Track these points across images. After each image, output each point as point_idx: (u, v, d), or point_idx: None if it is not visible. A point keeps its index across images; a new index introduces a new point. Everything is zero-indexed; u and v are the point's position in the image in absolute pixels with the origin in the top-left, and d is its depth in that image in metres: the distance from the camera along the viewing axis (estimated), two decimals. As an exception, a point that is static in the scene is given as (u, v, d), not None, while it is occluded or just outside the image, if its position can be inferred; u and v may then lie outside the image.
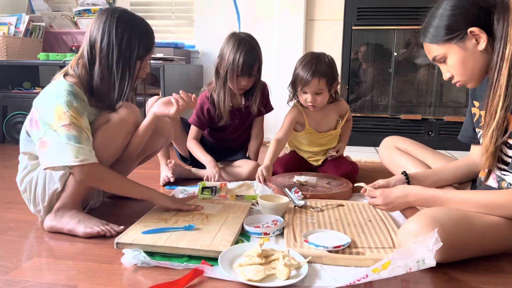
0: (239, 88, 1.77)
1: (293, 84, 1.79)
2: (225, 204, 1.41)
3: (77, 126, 1.14)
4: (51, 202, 1.23)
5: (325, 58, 1.75)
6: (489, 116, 1.04)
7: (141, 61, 1.29)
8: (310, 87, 1.71)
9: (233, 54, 1.70)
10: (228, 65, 1.71)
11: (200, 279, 0.95)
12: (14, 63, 2.69)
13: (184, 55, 2.90)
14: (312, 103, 1.74)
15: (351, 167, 1.85)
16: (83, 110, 1.19)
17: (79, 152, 1.12)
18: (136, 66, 1.28)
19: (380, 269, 0.87)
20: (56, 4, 3.00)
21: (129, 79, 1.26)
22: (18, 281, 0.94)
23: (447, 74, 1.14)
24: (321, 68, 1.70)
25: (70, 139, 1.12)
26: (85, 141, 1.15)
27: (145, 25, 1.31)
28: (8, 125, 2.71)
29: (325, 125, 1.89)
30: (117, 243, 1.08)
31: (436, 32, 1.08)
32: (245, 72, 1.71)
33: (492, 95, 1.03)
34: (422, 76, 2.81)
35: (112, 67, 1.23)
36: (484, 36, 1.03)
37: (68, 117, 1.14)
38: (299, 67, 1.73)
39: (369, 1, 2.71)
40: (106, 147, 1.23)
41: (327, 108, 1.86)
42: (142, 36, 1.27)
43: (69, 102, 1.16)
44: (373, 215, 1.31)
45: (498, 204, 1.02)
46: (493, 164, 1.10)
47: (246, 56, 1.70)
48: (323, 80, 1.70)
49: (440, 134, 2.77)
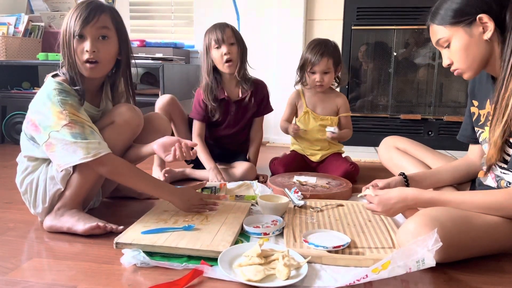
0: (224, 61, 1.77)
1: (301, 67, 1.92)
2: (224, 204, 1.41)
3: (78, 123, 1.14)
4: (52, 203, 1.23)
5: (331, 42, 1.93)
6: (499, 110, 1.03)
7: (80, 38, 1.19)
8: (319, 66, 1.84)
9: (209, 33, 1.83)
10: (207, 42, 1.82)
11: (200, 279, 0.95)
12: (13, 63, 2.69)
13: (183, 55, 2.90)
14: (320, 82, 1.87)
15: (352, 166, 1.85)
16: (78, 105, 1.18)
17: (89, 147, 1.12)
18: (73, 45, 1.19)
19: (380, 269, 0.87)
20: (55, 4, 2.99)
21: (70, 59, 1.20)
22: (17, 282, 0.94)
23: (447, 60, 1.14)
24: (329, 49, 1.87)
25: (76, 137, 1.12)
26: (91, 135, 1.15)
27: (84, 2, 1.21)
28: (8, 125, 2.71)
29: (323, 108, 1.96)
30: (117, 243, 1.07)
31: (445, 14, 1.08)
32: (220, 40, 1.76)
33: (504, 89, 1.02)
34: (421, 76, 2.81)
35: (64, 52, 1.20)
36: (492, 26, 1.03)
37: (66, 116, 1.13)
38: (308, 51, 1.89)
39: (369, 1, 2.71)
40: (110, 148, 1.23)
41: (326, 94, 1.97)
42: (79, 11, 1.18)
43: (62, 100, 1.15)
44: (373, 215, 1.31)
45: (497, 204, 1.02)
46: (498, 158, 1.09)
47: (216, 27, 1.79)
48: (331, 60, 1.86)
49: (440, 134, 2.77)
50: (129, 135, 1.32)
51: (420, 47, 2.77)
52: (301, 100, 1.98)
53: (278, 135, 2.79)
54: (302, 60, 1.91)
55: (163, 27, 3.15)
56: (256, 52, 2.81)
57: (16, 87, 2.78)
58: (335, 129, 1.86)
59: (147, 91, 2.75)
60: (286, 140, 2.62)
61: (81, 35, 1.19)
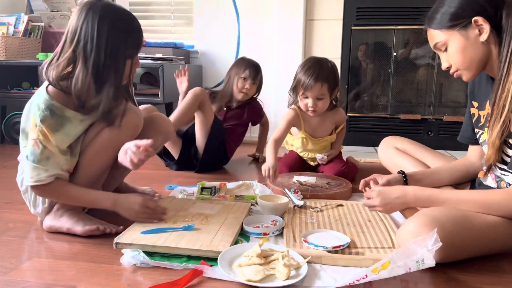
0: (240, 91, 2.11)
1: (294, 89, 1.79)
2: (224, 205, 1.41)
3: (42, 144, 1.12)
4: (52, 203, 1.23)
5: (328, 63, 1.75)
6: (497, 110, 1.04)
7: (132, 60, 1.20)
8: (312, 92, 1.70)
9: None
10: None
11: (200, 279, 0.95)
12: (13, 63, 2.69)
13: (183, 55, 2.90)
14: (313, 108, 1.73)
15: (344, 167, 1.83)
16: (57, 127, 1.13)
17: (34, 171, 1.12)
18: (127, 67, 1.19)
19: (380, 269, 0.87)
20: (55, 4, 2.99)
21: (119, 83, 1.18)
22: (17, 282, 0.94)
23: (445, 63, 1.14)
24: (323, 73, 1.70)
25: (31, 155, 1.12)
26: (43, 161, 1.12)
27: (132, 20, 1.19)
28: (7, 125, 2.71)
29: (321, 131, 1.89)
30: (116, 243, 1.07)
31: (441, 18, 1.09)
32: (248, 77, 2.10)
33: (500, 89, 1.03)
34: (421, 76, 2.80)
35: (101, 74, 1.13)
36: (487, 28, 1.04)
37: (37, 132, 1.12)
38: (301, 72, 1.73)
39: (369, 1, 2.71)
40: (109, 149, 1.22)
41: (324, 115, 1.86)
42: (130, 33, 1.17)
43: (44, 116, 1.12)
44: (373, 215, 1.31)
45: (496, 204, 1.02)
46: (497, 159, 1.09)
47: (252, 66, 2.13)
48: (325, 85, 1.70)
49: (440, 134, 2.77)
50: (130, 137, 1.30)
51: (419, 47, 2.77)
52: (299, 123, 1.86)
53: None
54: (295, 81, 1.77)
55: (163, 27, 3.15)
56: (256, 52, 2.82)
57: (16, 87, 2.78)
58: (323, 156, 1.85)
59: (146, 91, 2.75)
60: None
61: None
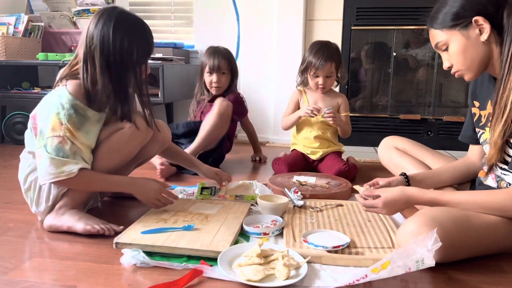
0: (211, 86, 2.07)
1: (304, 70, 1.98)
2: (224, 204, 1.41)
3: (69, 141, 1.14)
4: (55, 202, 1.23)
5: (333, 45, 1.98)
6: (498, 110, 1.04)
7: (145, 65, 1.28)
8: (323, 71, 1.90)
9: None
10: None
11: (199, 279, 0.95)
12: (13, 63, 2.69)
13: (183, 55, 2.90)
14: (323, 85, 1.94)
15: (345, 166, 1.85)
16: (80, 125, 1.18)
17: (64, 166, 1.13)
18: (140, 71, 1.26)
19: (379, 269, 0.87)
20: (55, 4, 2.99)
21: (136, 86, 1.25)
22: (17, 281, 0.94)
23: (446, 63, 1.15)
24: (331, 53, 1.92)
25: (57, 151, 1.13)
26: (72, 155, 1.15)
27: (145, 28, 1.28)
28: (7, 125, 2.71)
29: (325, 106, 1.97)
30: (116, 243, 1.07)
31: (442, 18, 1.10)
32: (212, 69, 2.04)
33: (502, 89, 1.03)
34: (421, 76, 2.80)
35: (118, 78, 1.21)
36: (488, 27, 1.04)
37: (63, 130, 1.14)
38: (311, 55, 1.93)
39: (368, 1, 2.71)
40: (116, 152, 1.25)
41: (327, 91, 2.02)
42: (142, 40, 1.25)
43: (69, 115, 1.16)
44: (372, 215, 1.31)
45: (498, 205, 1.02)
46: (498, 159, 1.10)
47: (215, 54, 2.05)
48: (333, 64, 1.92)
49: (439, 134, 2.77)
50: (139, 142, 1.32)
51: (419, 47, 2.77)
52: (303, 98, 2.02)
53: (277, 135, 2.80)
54: (305, 63, 1.96)
55: (163, 27, 3.15)
56: (256, 52, 2.82)
57: (16, 87, 2.77)
58: (330, 108, 1.89)
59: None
60: (286, 140, 2.62)
61: None
